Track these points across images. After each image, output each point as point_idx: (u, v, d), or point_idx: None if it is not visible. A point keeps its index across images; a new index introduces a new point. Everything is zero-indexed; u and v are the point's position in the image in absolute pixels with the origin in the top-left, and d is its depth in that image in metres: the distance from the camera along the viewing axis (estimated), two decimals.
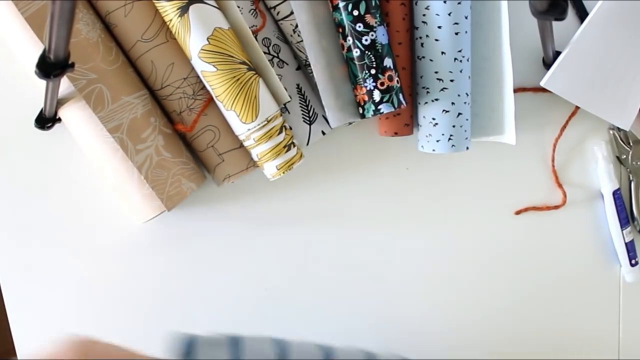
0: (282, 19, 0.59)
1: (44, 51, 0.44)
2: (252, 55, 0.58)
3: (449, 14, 0.57)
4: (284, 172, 0.58)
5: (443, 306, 0.69)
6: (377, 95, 0.58)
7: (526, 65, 0.64)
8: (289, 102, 0.61)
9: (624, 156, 0.67)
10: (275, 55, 0.61)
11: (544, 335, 0.70)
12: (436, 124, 0.60)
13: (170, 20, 0.55)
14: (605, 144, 0.67)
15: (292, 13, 0.58)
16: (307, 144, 0.62)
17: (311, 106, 0.62)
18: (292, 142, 0.59)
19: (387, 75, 0.58)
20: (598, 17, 0.60)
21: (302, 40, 0.58)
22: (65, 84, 0.55)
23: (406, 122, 0.62)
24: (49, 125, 0.60)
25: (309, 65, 0.59)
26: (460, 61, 0.59)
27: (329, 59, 0.59)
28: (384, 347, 0.67)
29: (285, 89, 0.61)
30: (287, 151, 0.58)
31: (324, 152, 0.65)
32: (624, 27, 0.60)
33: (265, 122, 0.57)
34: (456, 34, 0.58)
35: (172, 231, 0.65)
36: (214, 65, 0.55)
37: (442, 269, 0.68)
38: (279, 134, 0.58)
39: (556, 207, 0.68)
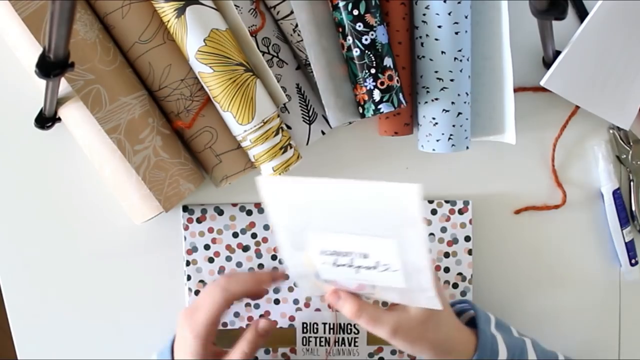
0: (282, 18, 0.59)
1: (44, 51, 0.44)
2: (250, 56, 0.58)
3: (449, 14, 0.57)
4: (280, 174, 0.59)
5: None
6: (377, 95, 0.58)
7: (526, 65, 0.64)
8: (287, 102, 0.61)
9: (624, 156, 0.67)
10: (275, 54, 0.61)
11: (544, 335, 0.70)
12: (436, 123, 0.60)
13: (169, 20, 0.55)
14: (605, 143, 0.67)
15: (292, 12, 0.58)
16: (307, 143, 0.62)
17: (311, 106, 0.62)
18: (289, 144, 0.59)
19: (387, 74, 0.58)
20: (598, 17, 0.60)
21: (302, 40, 0.58)
22: (64, 84, 0.55)
23: (406, 121, 0.62)
24: (48, 124, 0.60)
25: (309, 64, 0.59)
26: (460, 61, 0.59)
27: (328, 59, 0.59)
28: None
29: (285, 89, 0.61)
30: (283, 153, 0.58)
31: (324, 151, 0.65)
32: (623, 26, 0.60)
33: (262, 124, 0.57)
34: (456, 33, 0.58)
35: (170, 231, 0.65)
36: (210, 67, 0.55)
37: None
38: (275, 135, 0.58)
39: (556, 207, 0.68)
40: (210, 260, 0.66)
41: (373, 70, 0.57)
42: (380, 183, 0.47)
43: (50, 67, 0.45)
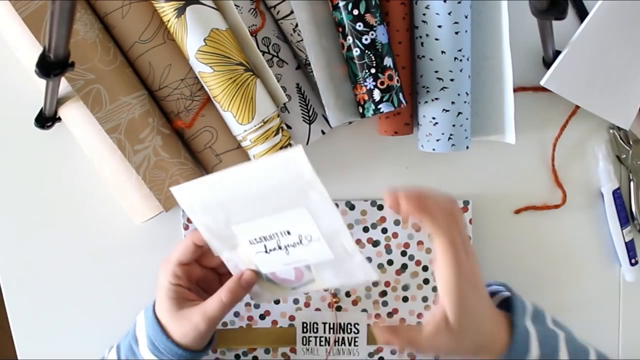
0: (282, 18, 0.59)
1: (44, 50, 0.44)
2: (250, 56, 0.58)
3: (449, 13, 0.57)
4: None
5: None
6: (377, 95, 0.58)
7: (526, 65, 0.64)
8: (287, 102, 0.61)
9: (624, 155, 0.67)
10: (275, 54, 0.61)
11: None
12: (436, 123, 0.60)
13: (169, 20, 0.55)
14: (605, 143, 0.67)
15: (292, 12, 0.58)
16: (307, 143, 0.62)
17: (311, 105, 0.62)
18: (289, 143, 0.59)
19: (387, 74, 0.58)
20: (598, 16, 0.60)
21: (302, 40, 0.58)
22: (64, 83, 0.55)
23: (406, 121, 0.62)
24: (49, 124, 0.60)
25: (309, 64, 0.59)
26: (460, 60, 0.59)
27: (328, 58, 0.59)
28: None
29: (285, 89, 0.61)
30: None
31: (324, 151, 0.65)
32: (623, 26, 0.60)
33: (262, 124, 0.57)
34: (456, 33, 0.58)
35: (170, 231, 0.65)
36: (210, 67, 0.55)
37: None
38: (275, 135, 0.58)
39: (556, 207, 0.68)
40: None
41: (373, 70, 0.57)
42: (269, 158, 0.49)
43: (51, 66, 0.45)
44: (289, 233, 0.53)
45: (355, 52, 0.57)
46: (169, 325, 0.56)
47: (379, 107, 0.58)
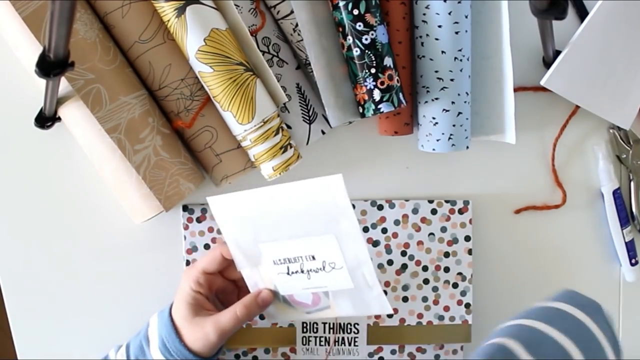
0: (282, 18, 0.59)
1: (44, 50, 0.44)
2: (250, 55, 0.58)
3: (449, 13, 0.57)
4: (280, 173, 0.59)
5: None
6: (377, 95, 0.58)
7: (526, 65, 0.64)
8: (287, 102, 0.61)
9: (624, 155, 0.67)
10: (275, 54, 0.61)
11: None
12: (436, 123, 0.60)
13: (169, 20, 0.55)
14: (605, 143, 0.67)
15: (292, 12, 0.58)
16: (307, 143, 0.62)
17: (311, 105, 0.62)
18: (289, 143, 0.59)
19: (387, 74, 0.58)
20: (598, 16, 0.60)
21: (302, 40, 0.58)
22: (64, 83, 0.55)
23: (406, 121, 0.62)
24: (48, 124, 0.60)
25: (309, 64, 0.59)
26: (461, 60, 0.59)
27: (329, 58, 0.59)
28: None
29: (285, 89, 0.61)
30: (283, 152, 0.58)
31: (324, 151, 0.65)
32: (623, 26, 0.60)
33: (262, 124, 0.57)
34: (456, 33, 0.58)
35: (170, 231, 0.65)
36: (210, 66, 0.55)
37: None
38: (275, 135, 0.58)
39: (556, 207, 0.68)
40: None
41: (373, 70, 0.57)
42: (307, 181, 0.50)
43: (51, 66, 0.45)
44: (313, 258, 0.54)
45: (355, 52, 0.57)
46: (182, 329, 0.57)
47: (379, 107, 0.58)
